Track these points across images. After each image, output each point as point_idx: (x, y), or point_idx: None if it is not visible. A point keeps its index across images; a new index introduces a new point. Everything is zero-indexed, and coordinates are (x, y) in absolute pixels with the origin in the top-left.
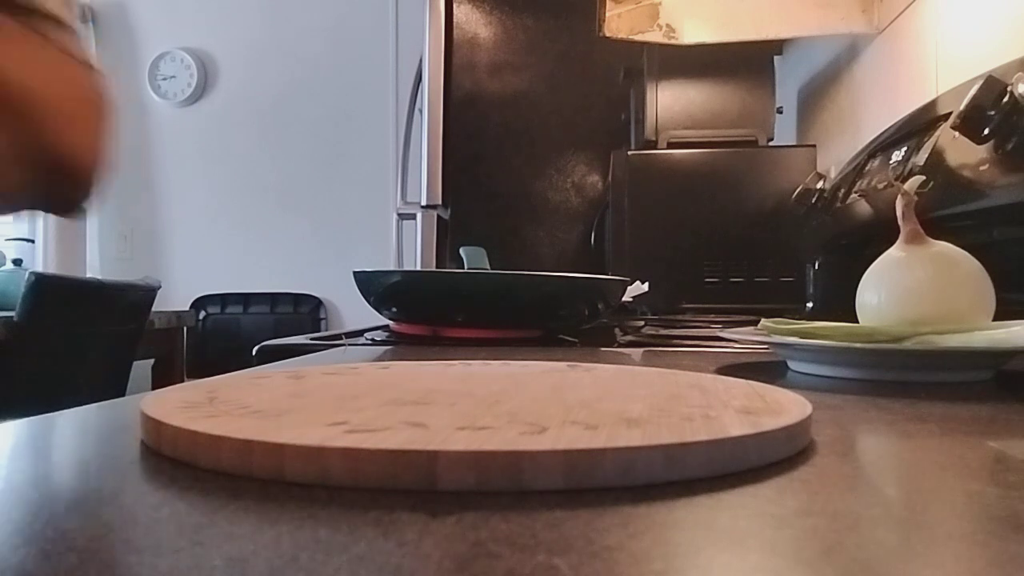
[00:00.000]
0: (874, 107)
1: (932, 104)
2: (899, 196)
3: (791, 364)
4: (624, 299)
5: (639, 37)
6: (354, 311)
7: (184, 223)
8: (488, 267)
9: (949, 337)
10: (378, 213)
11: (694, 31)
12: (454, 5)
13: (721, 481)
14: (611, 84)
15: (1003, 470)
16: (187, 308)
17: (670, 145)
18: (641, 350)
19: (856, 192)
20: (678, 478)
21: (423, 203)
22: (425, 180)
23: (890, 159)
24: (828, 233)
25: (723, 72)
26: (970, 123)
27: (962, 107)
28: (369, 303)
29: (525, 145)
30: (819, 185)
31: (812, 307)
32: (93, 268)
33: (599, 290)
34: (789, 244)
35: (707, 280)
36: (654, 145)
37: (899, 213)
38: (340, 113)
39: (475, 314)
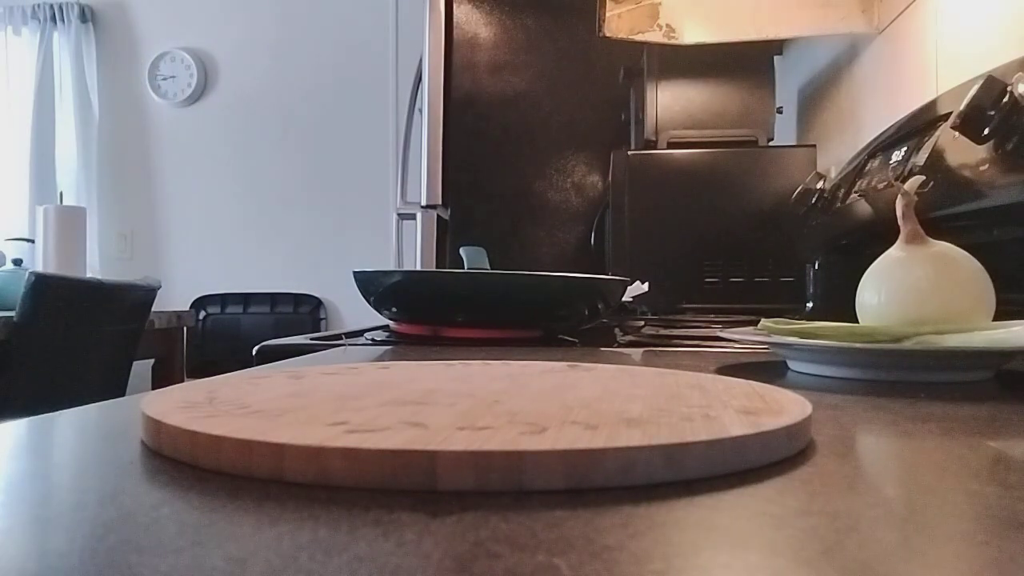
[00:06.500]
0: (874, 107)
1: (932, 104)
2: (899, 196)
3: (791, 364)
4: (624, 299)
5: (639, 37)
6: (354, 311)
7: (184, 223)
8: (488, 267)
9: (949, 337)
10: (378, 213)
11: (694, 31)
12: (454, 5)
13: (721, 481)
14: (611, 84)
15: (1003, 470)
16: (187, 308)
17: (670, 145)
18: (641, 350)
19: (856, 192)
20: (678, 478)
21: (423, 203)
22: (425, 180)
23: (890, 159)
24: (828, 233)
25: (723, 72)
26: (970, 123)
27: (962, 107)
28: (369, 303)
29: (525, 145)
30: (819, 185)
31: (812, 307)
32: (93, 268)
33: (599, 290)
34: (789, 244)
35: (707, 280)
36: (654, 145)
37: (899, 213)
38: (340, 113)
39: (475, 314)
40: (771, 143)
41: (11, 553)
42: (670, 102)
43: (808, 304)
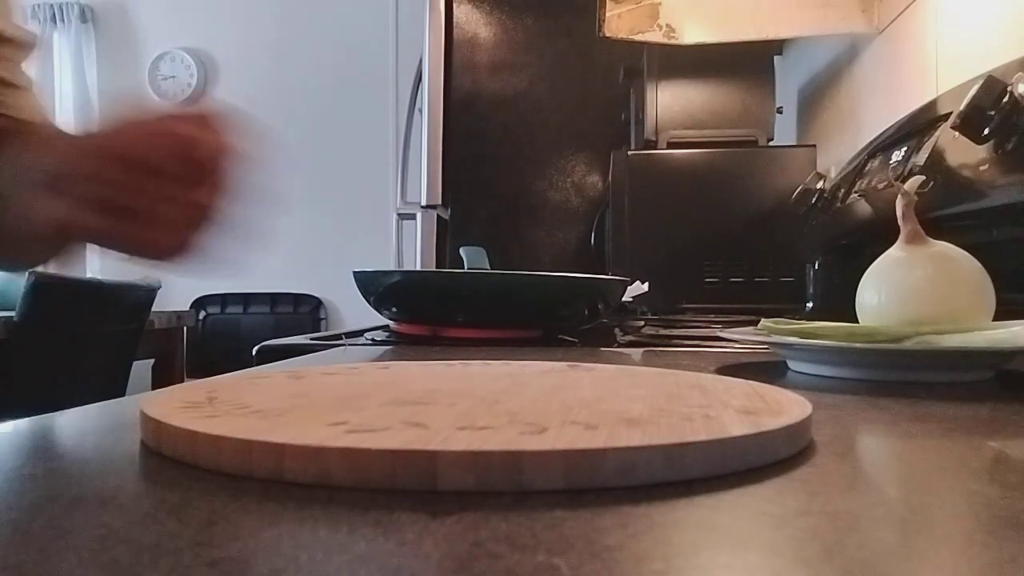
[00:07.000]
0: (874, 107)
1: (932, 104)
2: (899, 196)
3: (791, 364)
4: (624, 299)
5: (639, 37)
6: (354, 311)
7: None
8: (488, 267)
9: (949, 337)
10: (378, 213)
11: (694, 31)
12: (454, 5)
13: (721, 481)
14: (611, 84)
15: (1003, 470)
16: (187, 308)
17: (670, 145)
18: (641, 350)
19: (856, 192)
20: (678, 478)
21: (423, 203)
22: (425, 180)
23: (890, 159)
24: (828, 233)
25: (723, 72)
26: (970, 123)
27: (962, 107)
28: (369, 303)
29: (525, 145)
30: (819, 185)
31: (812, 307)
32: (93, 268)
33: (599, 290)
34: (789, 244)
35: (707, 280)
36: (654, 145)
37: (899, 213)
38: (340, 113)
39: (475, 314)
40: (771, 143)
41: (11, 553)
42: (670, 102)
43: (808, 304)
